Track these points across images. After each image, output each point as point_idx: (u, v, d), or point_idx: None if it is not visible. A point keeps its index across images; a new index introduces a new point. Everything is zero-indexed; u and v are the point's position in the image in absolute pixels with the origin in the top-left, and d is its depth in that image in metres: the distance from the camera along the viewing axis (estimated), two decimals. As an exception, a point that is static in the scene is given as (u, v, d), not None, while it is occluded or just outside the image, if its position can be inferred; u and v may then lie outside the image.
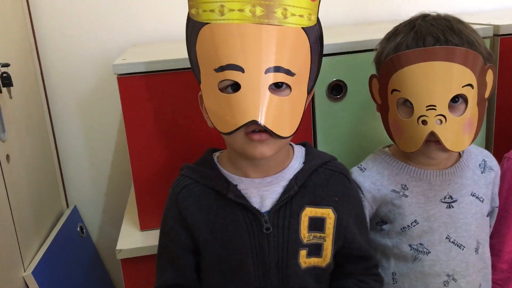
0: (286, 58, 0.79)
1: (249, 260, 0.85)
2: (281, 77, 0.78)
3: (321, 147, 1.21)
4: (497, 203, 1.07)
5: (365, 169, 1.03)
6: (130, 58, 1.14)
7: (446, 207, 0.99)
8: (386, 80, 0.92)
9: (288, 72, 0.79)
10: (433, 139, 0.89)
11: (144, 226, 1.19)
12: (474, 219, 1.00)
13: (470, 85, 0.88)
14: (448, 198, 0.99)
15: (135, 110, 1.11)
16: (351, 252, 0.91)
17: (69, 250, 1.48)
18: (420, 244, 0.98)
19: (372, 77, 0.98)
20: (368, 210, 1.01)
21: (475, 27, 1.19)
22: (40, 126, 1.50)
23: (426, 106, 0.87)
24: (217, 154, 0.94)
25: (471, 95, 0.88)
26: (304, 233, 0.87)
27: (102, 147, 1.61)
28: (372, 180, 1.01)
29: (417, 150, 0.91)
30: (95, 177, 1.65)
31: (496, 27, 1.22)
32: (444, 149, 0.89)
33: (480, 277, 1.03)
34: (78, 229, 1.58)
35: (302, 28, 0.82)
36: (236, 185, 0.87)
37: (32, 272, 1.23)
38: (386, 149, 1.06)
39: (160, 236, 0.93)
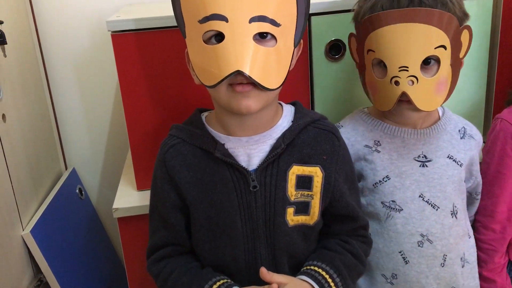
0: (272, 8, 0.77)
1: (237, 218, 0.86)
2: (266, 27, 0.77)
3: (318, 107, 1.20)
4: (478, 178, 1.08)
5: (342, 126, 1.06)
6: (124, 15, 1.12)
7: (420, 166, 1.00)
8: (363, 40, 0.94)
9: (273, 23, 0.78)
10: (405, 99, 0.91)
11: (141, 186, 1.20)
12: (450, 181, 1.01)
13: (443, 46, 0.89)
14: (422, 157, 1.01)
15: (130, 69, 1.09)
16: (338, 210, 0.91)
17: (68, 211, 1.50)
18: (392, 201, 0.99)
19: (350, 35, 1.00)
20: None
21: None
22: (37, 86, 1.48)
23: (399, 67, 0.89)
24: (205, 114, 0.94)
25: (444, 56, 0.90)
26: (292, 191, 0.87)
27: (100, 108, 1.61)
28: (347, 136, 1.02)
29: (390, 109, 0.93)
30: (94, 139, 1.65)
31: (500, -16, 1.19)
32: (415, 108, 0.92)
33: (462, 245, 1.03)
34: (77, 190, 1.59)
35: None
36: (224, 144, 0.87)
37: (31, 231, 1.24)
38: (365, 109, 1.08)
39: (150, 197, 0.94)
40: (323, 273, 0.86)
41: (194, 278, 0.87)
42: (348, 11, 1.12)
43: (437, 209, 0.99)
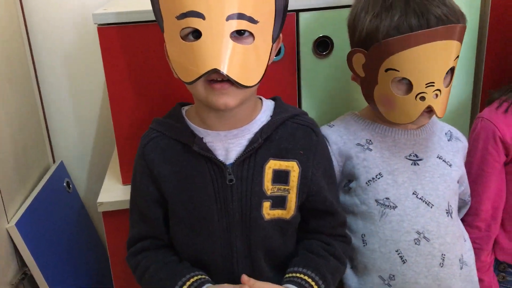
0: (249, 5, 0.77)
1: (214, 212, 0.87)
2: (243, 25, 0.77)
3: (305, 104, 1.20)
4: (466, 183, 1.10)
5: (333, 125, 1.06)
6: (111, 9, 1.11)
7: (411, 164, 1.01)
8: (381, 59, 0.91)
9: (251, 20, 0.77)
10: (425, 110, 0.92)
11: (126, 180, 1.19)
12: (442, 180, 1.02)
13: (458, 56, 0.92)
14: (414, 156, 1.02)
15: (117, 63, 1.09)
16: (316, 205, 0.92)
17: (55, 204, 1.49)
18: (386, 198, 1.00)
19: (355, 51, 0.95)
20: (334, 166, 1.02)
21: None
22: (24, 78, 1.47)
23: (426, 84, 0.89)
24: (186, 107, 0.95)
25: (456, 65, 0.93)
26: (268, 185, 0.87)
27: (89, 101, 1.60)
28: (339, 134, 1.04)
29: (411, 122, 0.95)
30: (82, 132, 1.64)
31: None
32: (431, 116, 0.96)
33: (459, 246, 1.03)
34: (65, 184, 1.59)
35: None
36: (202, 138, 0.87)
37: (16, 224, 1.24)
38: (356, 112, 1.09)
39: (131, 190, 0.95)
40: (309, 280, 0.87)
41: (170, 273, 0.88)
42: (336, 7, 1.12)
43: (431, 207, 1.00)
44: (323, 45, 1.15)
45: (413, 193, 1.00)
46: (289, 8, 1.07)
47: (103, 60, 1.09)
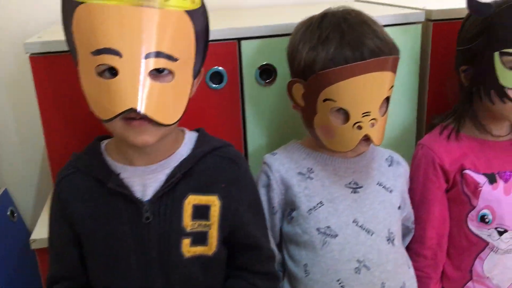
0: (168, 43, 0.75)
1: (130, 251, 0.84)
2: (162, 63, 0.75)
3: (251, 132, 1.18)
4: (409, 208, 1.11)
5: (276, 153, 1.06)
6: (46, 37, 1.07)
7: (351, 192, 1.02)
8: (318, 90, 0.92)
9: (170, 58, 0.75)
10: (363, 138, 0.93)
11: (65, 213, 1.14)
12: (382, 207, 1.02)
13: (392, 86, 0.94)
14: (354, 184, 1.03)
15: (49, 92, 1.05)
16: (240, 240, 0.90)
17: (-3, 235, 1.43)
18: (327, 227, 0.99)
19: (294, 82, 0.96)
20: (277, 194, 1.02)
21: (406, 11, 1.17)
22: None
23: (362, 113, 0.90)
24: (105, 142, 0.92)
25: (391, 94, 0.95)
26: (187, 222, 0.85)
27: (33, 127, 1.53)
28: (282, 162, 1.03)
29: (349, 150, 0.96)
30: (27, 159, 1.58)
31: (428, 12, 1.20)
32: (370, 144, 0.97)
33: (402, 274, 1.03)
34: (9, 212, 1.52)
35: (186, 11, 0.78)
36: (119, 174, 0.85)
37: None
38: (298, 141, 1.09)
39: (48, 229, 0.91)
40: None
41: None
42: (278, 36, 1.11)
43: (371, 234, 0.99)
44: (266, 73, 1.14)
45: (353, 221, 1.00)
46: (231, 37, 1.09)
47: (36, 90, 1.05)
